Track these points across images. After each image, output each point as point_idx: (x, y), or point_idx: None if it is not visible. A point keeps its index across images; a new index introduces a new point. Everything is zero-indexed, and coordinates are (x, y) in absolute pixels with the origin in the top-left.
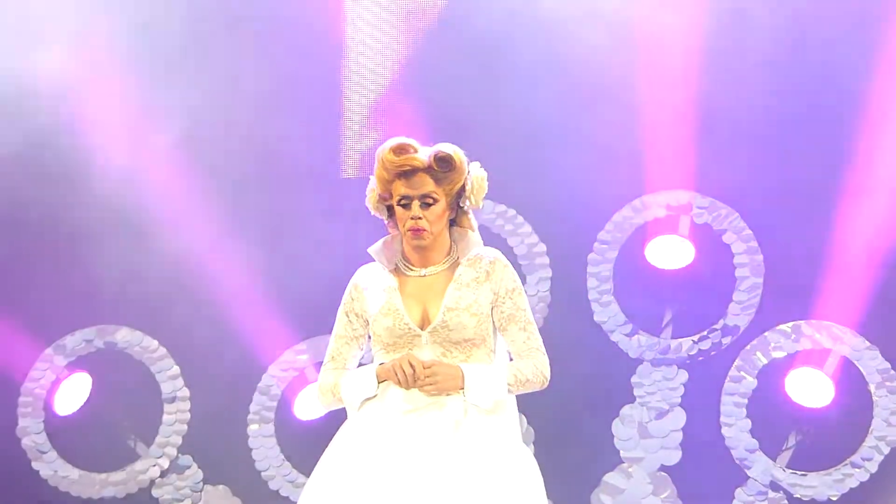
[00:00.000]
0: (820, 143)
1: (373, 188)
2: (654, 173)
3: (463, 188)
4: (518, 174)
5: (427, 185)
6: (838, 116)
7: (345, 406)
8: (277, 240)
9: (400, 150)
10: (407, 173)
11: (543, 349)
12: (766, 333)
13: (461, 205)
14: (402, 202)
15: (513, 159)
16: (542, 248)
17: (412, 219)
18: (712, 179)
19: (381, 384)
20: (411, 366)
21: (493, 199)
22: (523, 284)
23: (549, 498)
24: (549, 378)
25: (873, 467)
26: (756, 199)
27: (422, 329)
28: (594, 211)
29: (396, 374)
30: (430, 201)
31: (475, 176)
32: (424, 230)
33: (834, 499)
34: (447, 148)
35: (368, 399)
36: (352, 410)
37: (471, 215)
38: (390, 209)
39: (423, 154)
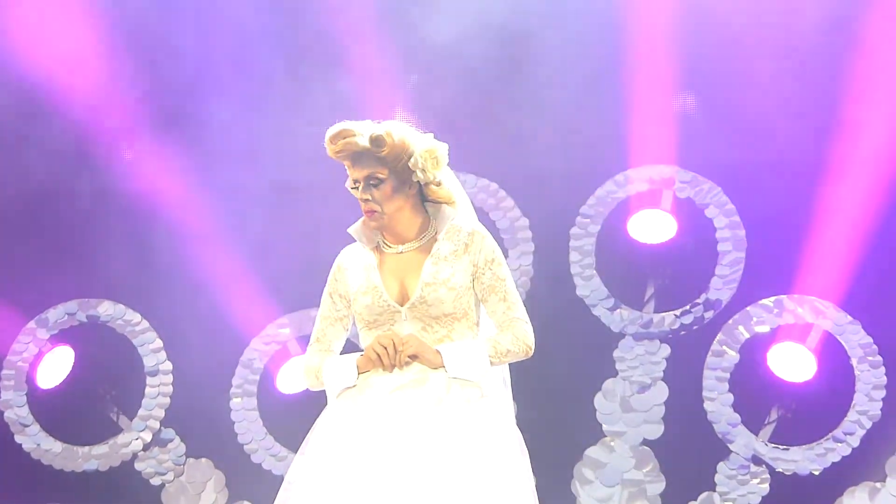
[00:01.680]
0: (803, 117)
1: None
2: (637, 148)
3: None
4: (501, 148)
5: (370, 165)
6: (821, 90)
7: (326, 390)
8: (261, 213)
9: (335, 137)
10: (351, 157)
11: (526, 318)
12: (748, 308)
13: (415, 180)
14: (355, 185)
15: (495, 133)
16: (525, 222)
17: (363, 201)
18: (694, 154)
19: (361, 374)
20: (389, 339)
21: (475, 174)
22: (506, 258)
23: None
24: (533, 347)
25: (855, 441)
26: (738, 174)
27: (400, 305)
28: (577, 185)
29: (378, 354)
30: (375, 182)
31: (423, 149)
32: (375, 211)
33: (816, 473)
34: (380, 127)
35: (348, 388)
36: (332, 397)
37: (447, 188)
38: None
39: (363, 136)
